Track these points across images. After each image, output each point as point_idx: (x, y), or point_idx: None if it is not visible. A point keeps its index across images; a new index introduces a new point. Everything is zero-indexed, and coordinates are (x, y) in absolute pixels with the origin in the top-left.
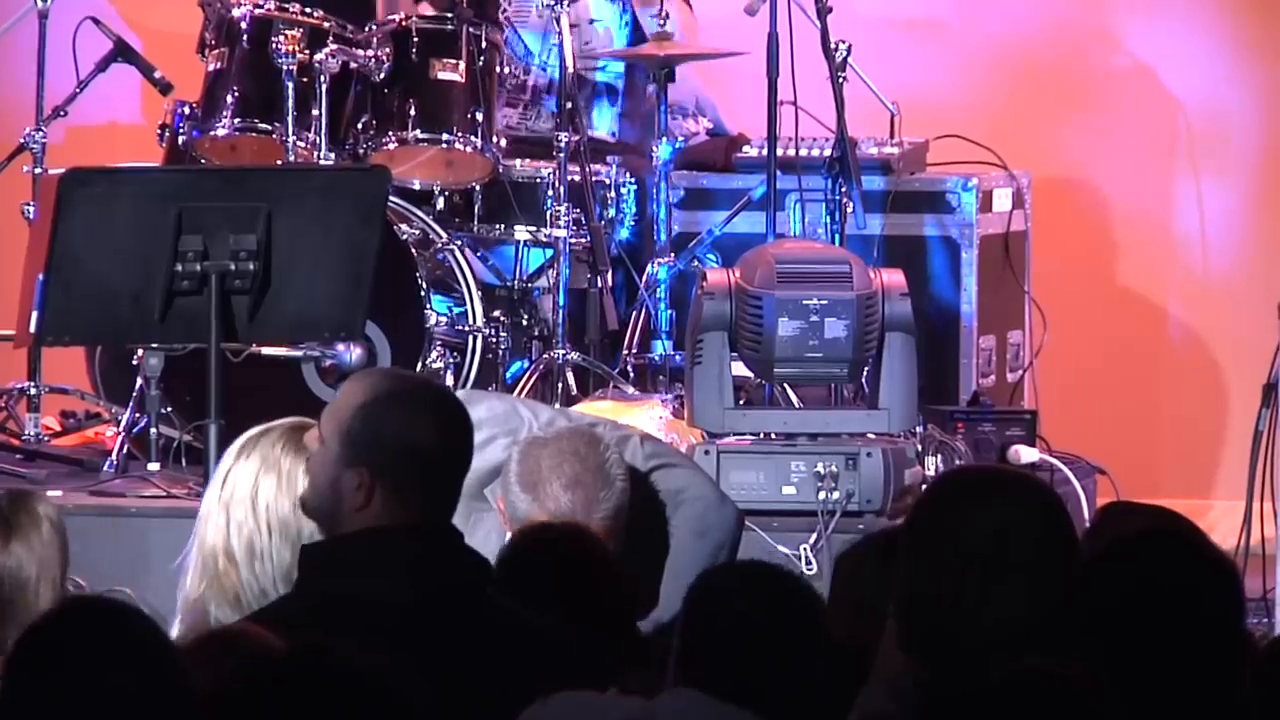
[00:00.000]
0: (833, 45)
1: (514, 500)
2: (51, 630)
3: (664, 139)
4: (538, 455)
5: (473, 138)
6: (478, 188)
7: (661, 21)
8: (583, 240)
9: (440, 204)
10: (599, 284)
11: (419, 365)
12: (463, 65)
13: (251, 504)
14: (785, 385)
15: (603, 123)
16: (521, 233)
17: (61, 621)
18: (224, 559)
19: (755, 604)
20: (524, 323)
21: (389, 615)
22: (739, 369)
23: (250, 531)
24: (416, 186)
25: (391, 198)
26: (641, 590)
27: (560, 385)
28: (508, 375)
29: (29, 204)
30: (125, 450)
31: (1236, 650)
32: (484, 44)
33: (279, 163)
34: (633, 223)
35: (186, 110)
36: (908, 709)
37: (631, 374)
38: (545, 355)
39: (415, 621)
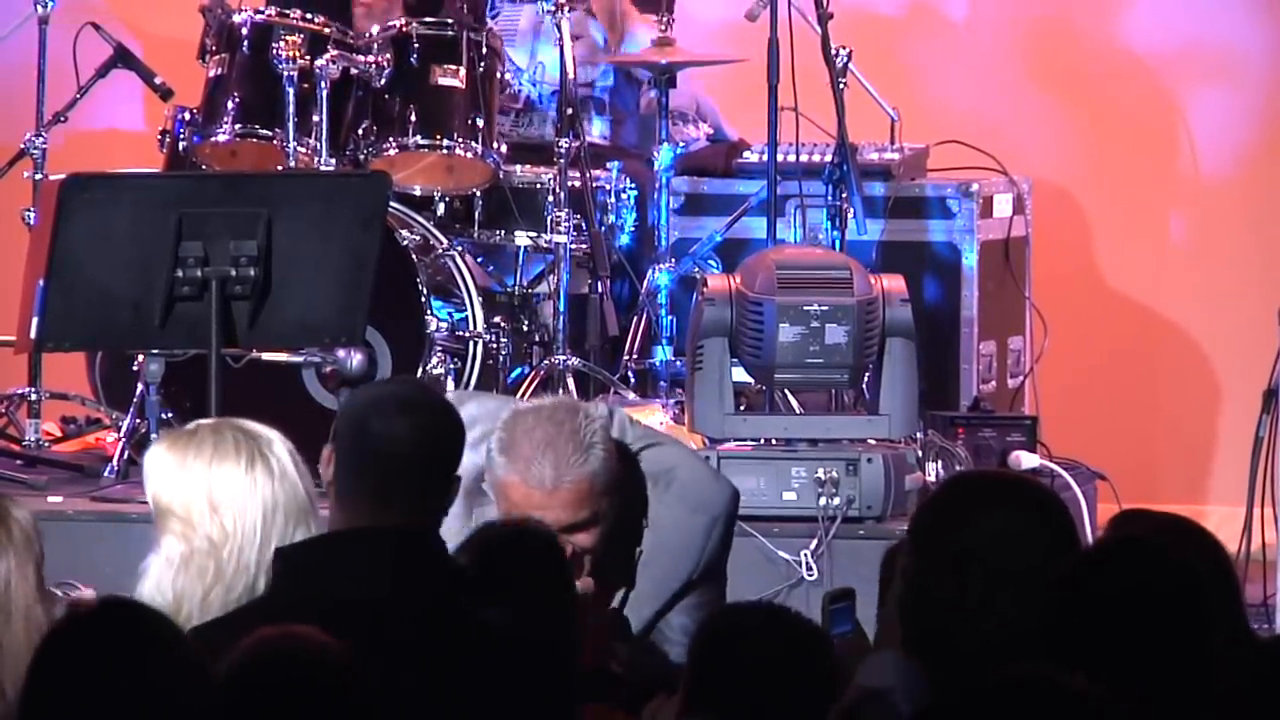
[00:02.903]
0: (833, 51)
1: (493, 466)
2: (82, 628)
3: (664, 144)
4: (515, 422)
5: (473, 143)
6: (478, 193)
7: (663, 28)
8: (583, 246)
9: (440, 210)
10: (599, 289)
11: (419, 371)
12: (463, 71)
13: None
14: (786, 391)
15: (594, 128)
16: (522, 238)
17: (93, 620)
18: (246, 562)
19: (766, 647)
20: (525, 328)
21: (357, 616)
22: (739, 374)
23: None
24: (417, 192)
25: (392, 203)
26: (634, 567)
27: (561, 391)
28: (508, 381)
29: (30, 210)
30: (126, 456)
31: (1233, 653)
32: (484, 50)
33: (279, 168)
34: (633, 228)
35: (187, 116)
36: (905, 687)
37: (632, 379)
38: (546, 361)
39: (383, 622)
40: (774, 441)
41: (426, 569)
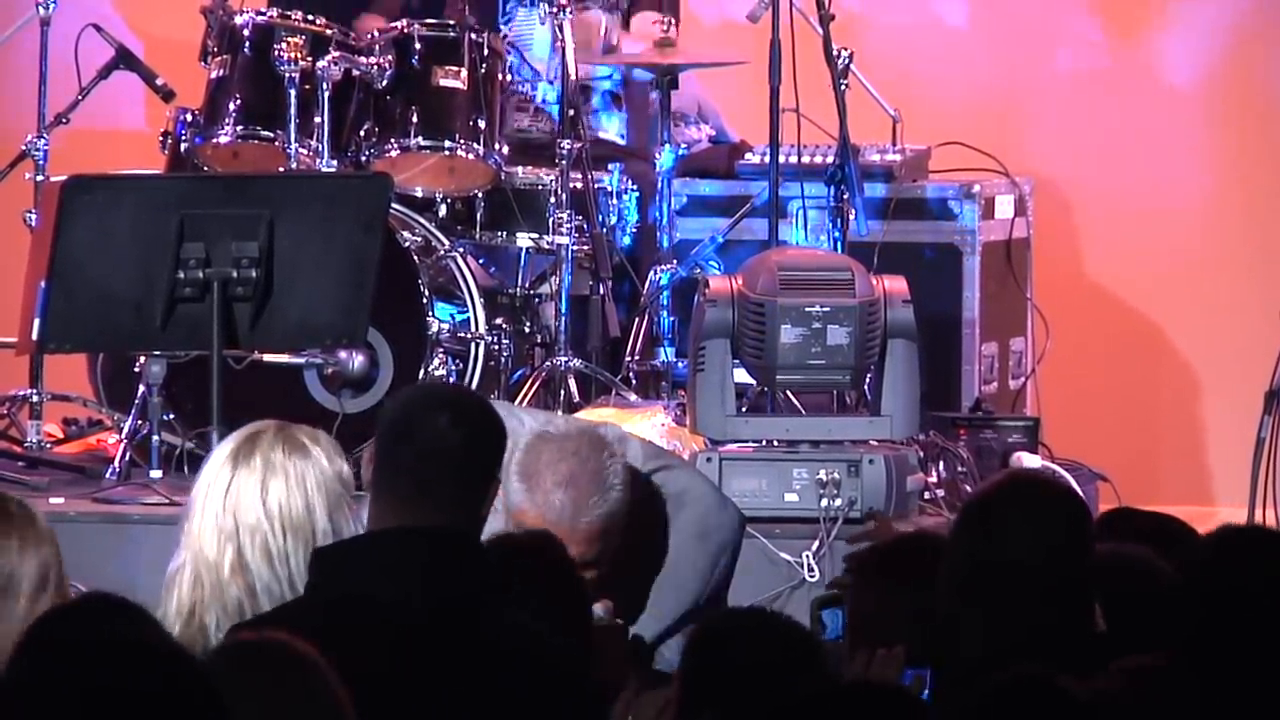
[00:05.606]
0: (835, 52)
1: (510, 489)
2: (63, 622)
3: (666, 146)
4: (539, 449)
5: (475, 145)
6: (480, 195)
7: (664, 29)
8: (585, 247)
9: (442, 211)
10: (601, 291)
11: (421, 372)
12: (465, 72)
13: (263, 509)
14: (787, 392)
15: (611, 126)
16: (524, 240)
17: (74, 614)
18: (229, 568)
19: (758, 652)
20: (526, 330)
21: (396, 617)
22: (741, 376)
23: (265, 536)
24: (418, 193)
25: (393, 205)
26: (642, 592)
27: (562, 392)
28: (510, 382)
29: (31, 211)
30: (127, 457)
31: None
32: (486, 51)
33: (281, 170)
34: (635, 230)
35: (189, 117)
36: None
37: (634, 381)
38: (547, 362)
39: (420, 625)
40: (776, 443)
41: (459, 571)
